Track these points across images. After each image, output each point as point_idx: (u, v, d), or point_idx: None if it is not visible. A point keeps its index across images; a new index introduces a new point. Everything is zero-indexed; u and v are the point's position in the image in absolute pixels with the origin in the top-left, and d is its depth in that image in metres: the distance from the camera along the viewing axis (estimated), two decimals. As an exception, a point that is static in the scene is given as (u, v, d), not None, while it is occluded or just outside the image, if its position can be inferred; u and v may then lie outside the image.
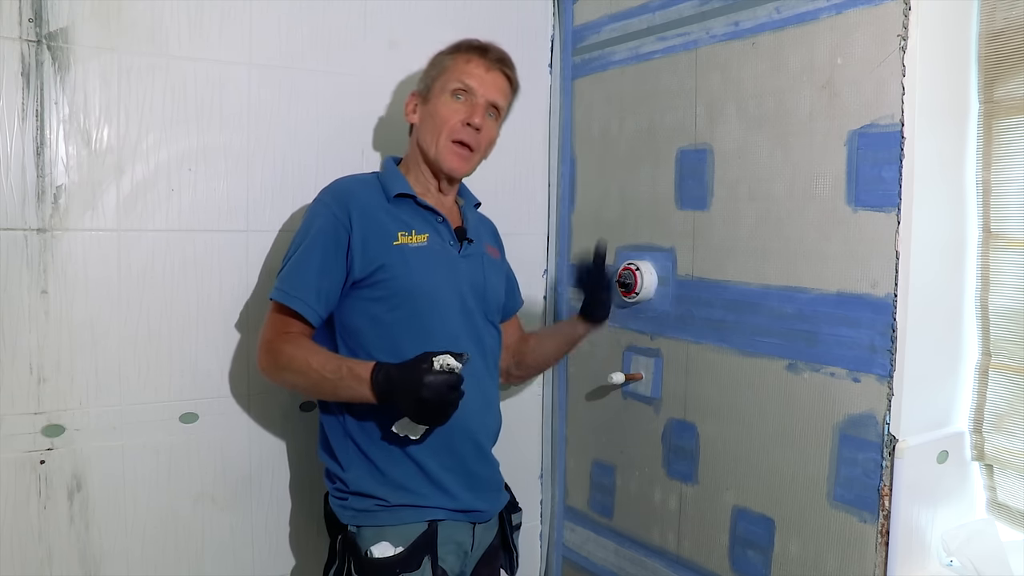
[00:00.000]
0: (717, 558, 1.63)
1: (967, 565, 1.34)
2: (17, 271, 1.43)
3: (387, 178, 1.47)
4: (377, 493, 1.38)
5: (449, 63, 1.47)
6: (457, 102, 1.45)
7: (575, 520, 2.04)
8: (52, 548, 1.47)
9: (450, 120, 1.44)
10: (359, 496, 1.39)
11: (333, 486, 1.43)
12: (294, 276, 1.37)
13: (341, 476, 1.42)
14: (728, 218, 1.61)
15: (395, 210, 1.43)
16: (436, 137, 1.45)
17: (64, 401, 1.48)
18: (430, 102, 1.47)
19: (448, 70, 1.46)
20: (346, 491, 1.40)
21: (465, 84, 1.45)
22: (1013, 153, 1.32)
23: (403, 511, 1.37)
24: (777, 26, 1.50)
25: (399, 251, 1.39)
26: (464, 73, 1.45)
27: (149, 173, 1.54)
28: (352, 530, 1.37)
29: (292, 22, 1.67)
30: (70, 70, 1.45)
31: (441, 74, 1.47)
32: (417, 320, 1.39)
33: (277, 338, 1.37)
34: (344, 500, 1.40)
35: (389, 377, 1.27)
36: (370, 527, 1.36)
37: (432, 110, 1.46)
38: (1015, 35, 1.30)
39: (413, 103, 1.51)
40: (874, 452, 1.35)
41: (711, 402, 1.65)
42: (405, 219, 1.43)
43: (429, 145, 1.46)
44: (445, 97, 1.45)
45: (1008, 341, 1.35)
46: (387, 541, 1.34)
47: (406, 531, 1.36)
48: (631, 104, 1.84)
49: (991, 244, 1.37)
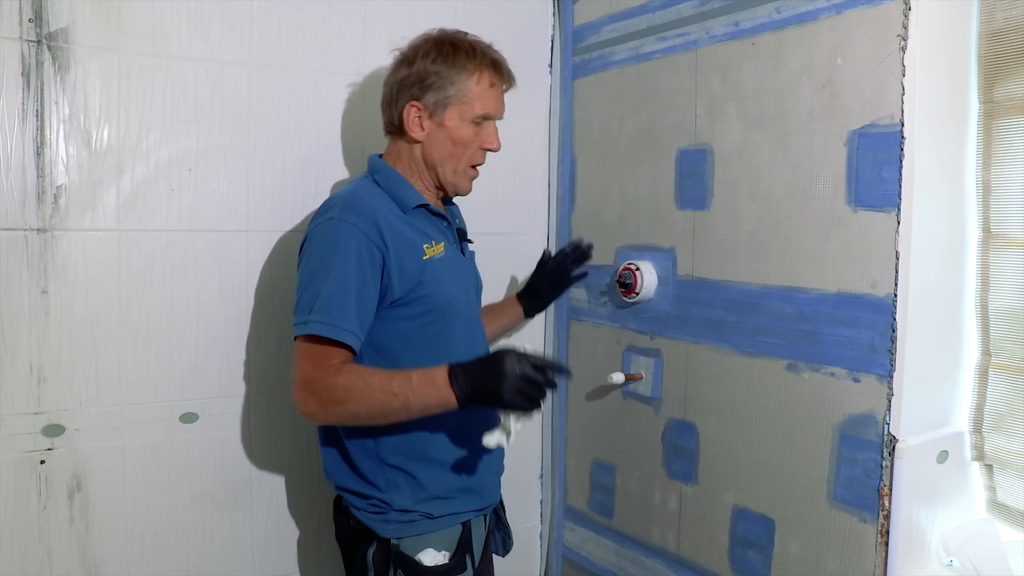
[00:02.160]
0: (717, 558, 1.63)
1: (967, 565, 1.34)
2: (17, 271, 1.43)
3: (396, 187, 1.39)
4: (420, 508, 1.36)
5: (468, 84, 1.37)
6: (476, 126, 1.39)
7: (575, 520, 2.04)
8: (52, 548, 1.47)
9: (471, 147, 1.39)
10: (402, 511, 1.36)
11: (367, 502, 1.38)
12: (334, 305, 1.25)
13: (379, 496, 1.36)
14: (728, 218, 1.61)
15: (413, 221, 1.37)
16: (455, 163, 1.40)
17: (64, 401, 1.48)
18: (445, 124, 1.38)
19: (468, 93, 1.37)
20: (387, 507, 1.36)
21: (491, 114, 1.39)
22: (1013, 153, 1.32)
23: (444, 519, 1.37)
24: (777, 26, 1.50)
25: (430, 266, 1.34)
26: (488, 102, 1.38)
27: (149, 173, 1.54)
28: (395, 542, 1.35)
29: (292, 22, 1.67)
30: (70, 70, 1.45)
31: (459, 96, 1.37)
32: (445, 333, 1.37)
33: (323, 374, 1.23)
34: (384, 514, 1.36)
35: (468, 371, 1.20)
36: (412, 537, 1.35)
37: (452, 135, 1.38)
38: (1015, 35, 1.30)
39: (418, 116, 1.38)
40: (874, 452, 1.35)
41: (711, 402, 1.65)
42: (424, 230, 1.38)
43: (445, 170, 1.40)
44: (467, 123, 1.38)
45: (1008, 341, 1.35)
46: (431, 548, 1.34)
47: (446, 536, 1.37)
48: (631, 104, 1.84)
49: (991, 244, 1.37)
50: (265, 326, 1.67)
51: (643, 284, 1.76)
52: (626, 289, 1.78)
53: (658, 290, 1.77)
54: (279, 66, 1.66)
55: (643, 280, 1.76)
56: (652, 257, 1.78)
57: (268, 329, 1.68)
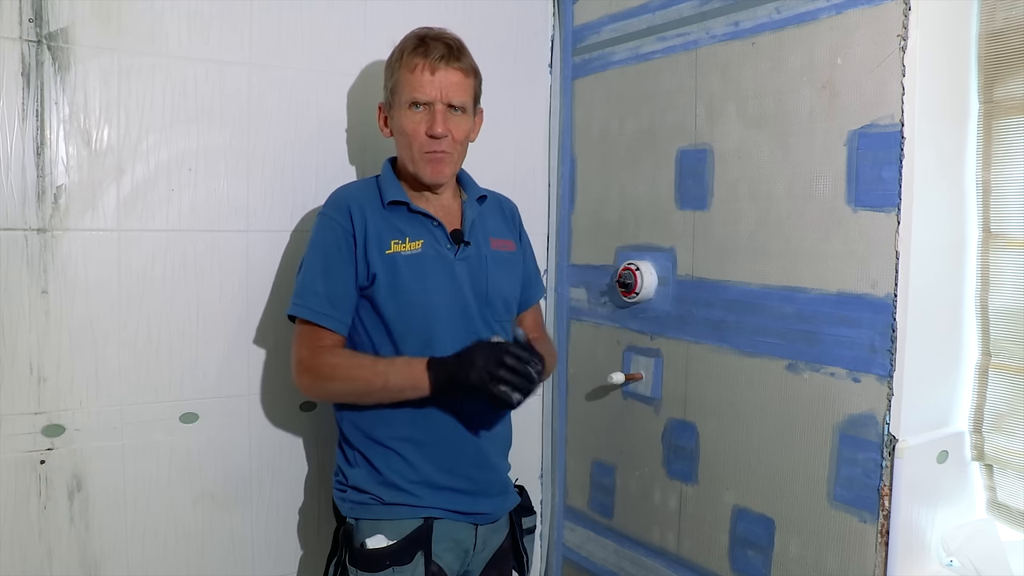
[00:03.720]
0: (717, 558, 1.63)
1: (967, 565, 1.34)
2: (17, 271, 1.43)
3: (384, 183, 1.46)
4: (373, 490, 1.41)
5: (398, 73, 1.41)
6: (417, 112, 1.40)
7: (575, 520, 2.04)
8: (52, 548, 1.47)
9: (416, 134, 1.41)
10: (357, 490, 1.42)
11: (336, 479, 1.48)
12: (309, 290, 1.40)
13: (344, 470, 1.46)
14: (728, 218, 1.61)
15: (391, 216, 1.43)
16: (409, 152, 1.43)
17: (64, 401, 1.48)
18: (394, 117, 1.44)
19: (400, 82, 1.41)
20: (345, 484, 1.44)
21: (417, 97, 1.39)
22: (1013, 153, 1.32)
23: (398, 508, 1.40)
24: (777, 26, 1.50)
25: (390, 260, 1.40)
26: (413, 86, 1.39)
27: (149, 173, 1.54)
28: (351, 522, 1.41)
29: (292, 22, 1.67)
30: (70, 70, 1.45)
31: (396, 86, 1.42)
32: (415, 327, 1.41)
33: (312, 354, 1.39)
34: (344, 493, 1.44)
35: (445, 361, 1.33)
36: (367, 520, 1.40)
37: (397, 125, 1.43)
38: (1015, 35, 1.30)
39: (382, 117, 1.49)
40: (874, 452, 1.35)
41: (711, 402, 1.65)
42: (400, 226, 1.43)
43: (407, 160, 1.44)
44: (405, 111, 1.41)
45: (1008, 341, 1.35)
46: (382, 534, 1.37)
47: (401, 526, 1.38)
48: (631, 104, 1.84)
49: (991, 244, 1.37)
50: (265, 326, 1.67)
51: (643, 284, 1.76)
52: (626, 289, 1.78)
53: (658, 290, 1.77)
54: (279, 66, 1.66)
55: (643, 280, 1.76)
56: (652, 257, 1.78)
57: (268, 329, 1.68)
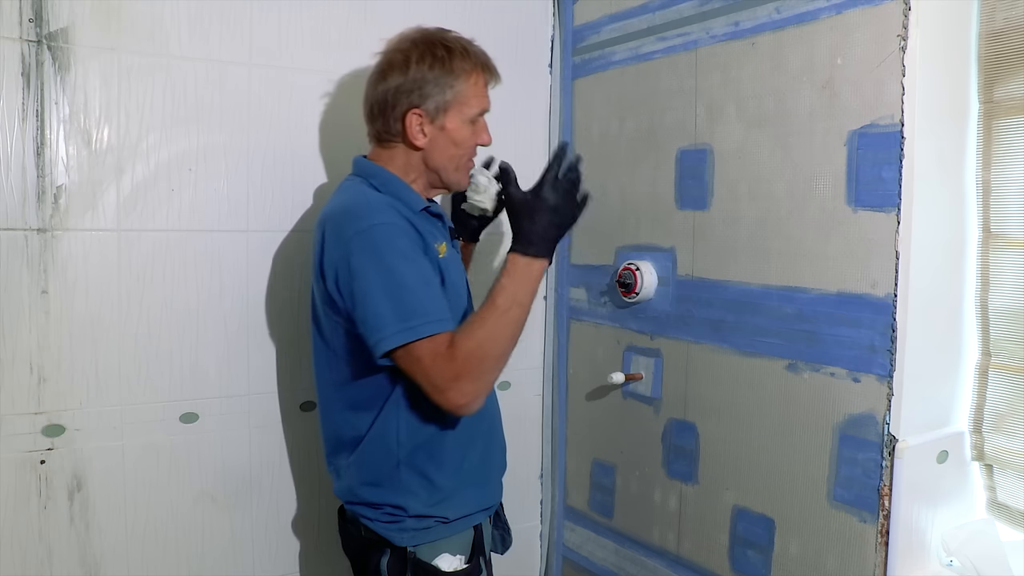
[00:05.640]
0: (717, 558, 1.63)
1: (967, 565, 1.34)
2: (17, 271, 1.43)
3: (398, 191, 1.40)
4: (435, 513, 1.36)
5: (462, 86, 1.38)
6: (475, 124, 1.42)
7: (575, 520, 2.04)
8: (52, 548, 1.47)
9: (470, 145, 1.42)
10: (417, 518, 1.36)
11: (379, 512, 1.37)
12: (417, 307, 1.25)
13: (392, 503, 1.36)
14: (728, 218, 1.61)
15: (422, 222, 1.39)
16: (456, 161, 1.41)
17: (64, 401, 1.48)
18: (446, 128, 1.39)
19: (463, 95, 1.38)
20: (402, 515, 1.35)
21: (485, 109, 1.42)
22: (1013, 153, 1.32)
23: (457, 522, 1.38)
24: (777, 26, 1.50)
25: (443, 263, 1.37)
26: (482, 100, 1.41)
27: (149, 173, 1.54)
28: (411, 550, 1.35)
29: (292, 22, 1.67)
30: (70, 70, 1.45)
31: (456, 99, 1.38)
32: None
33: (449, 361, 1.24)
34: (399, 522, 1.35)
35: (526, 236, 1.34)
36: (427, 544, 1.35)
37: (452, 137, 1.39)
38: (1015, 35, 1.30)
39: (420, 123, 1.38)
40: (874, 452, 1.35)
41: (711, 402, 1.65)
42: (431, 230, 1.40)
43: (448, 171, 1.42)
44: (467, 123, 1.40)
45: (1008, 341, 1.35)
46: (446, 553, 1.35)
47: (459, 540, 1.38)
48: (631, 104, 1.84)
49: (991, 244, 1.37)
50: (265, 326, 1.67)
51: (643, 284, 1.76)
52: (626, 289, 1.78)
53: (658, 290, 1.77)
54: (279, 66, 1.66)
55: (643, 280, 1.76)
56: (652, 257, 1.78)
57: (268, 329, 1.68)
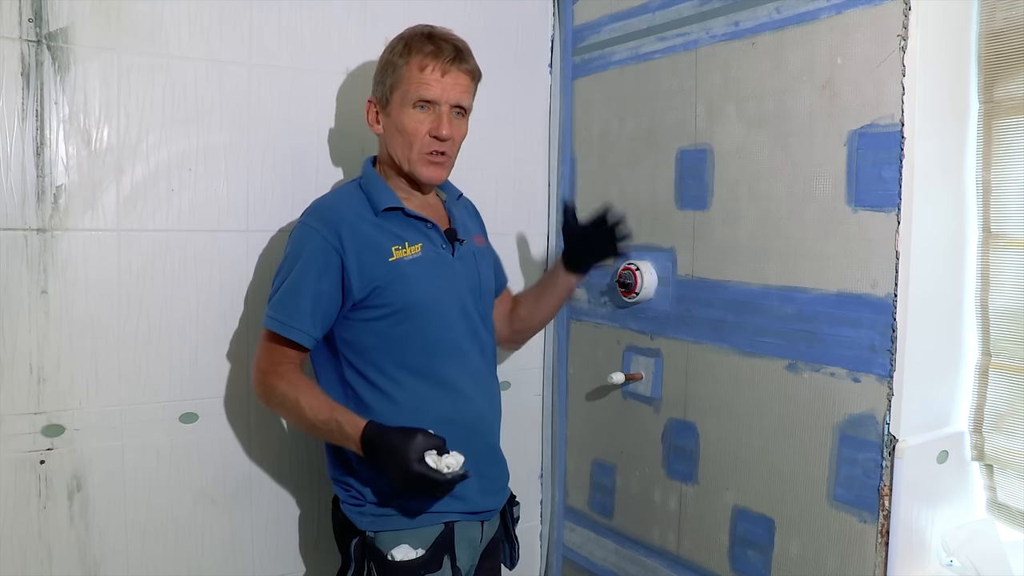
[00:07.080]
0: (717, 558, 1.63)
1: (967, 565, 1.33)
2: (17, 271, 1.43)
3: (372, 189, 1.42)
4: (393, 502, 1.37)
5: (404, 70, 1.38)
6: (421, 112, 1.38)
7: (575, 520, 2.04)
8: (52, 548, 1.47)
9: (417, 134, 1.38)
10: (377, 504, 1.38)
11: (347, 494, 1.42)
12: (287, 303, 1.35)
13: (357, 487, 1.40)
14: (728, 218, 1.61)
15: (385, 223, 1.40)
16: (407, 151, 1.40)
17: (64, 401, 1.48)
18: (392, 114, 1.40)
19: (404, 79, 1.37)
20: (362, 499, 1.40)
21: (426, 96, 1.37)
22: (1013, 153, 1.32)
23: (420, 516, 1.38)
24: (777, 26, 1.50)
25: (396, 267, 1.37)
26: (421, 85, 1.36)
27: (149, 173, 1.54)
28: (370, 535, 1.37)
29: (292, 22, 1.67)
30: (70, 70, 1.45)
31: (398, 83, 1.38)
32: (420, 332, 1.39)
33: (271, 371, 1.37)
34: (361, 507, 1.40)
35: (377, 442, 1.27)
36: (388, 531, 1.37)
37: (397, 124, 1.39)
38: (1015, 35, 1.30)
39: (373, 111, 1.44)
40: (874, 452, 1.35)
41: (711, 402, 1.65)
42: (396, 231, 1.40)
43: (402, 159, 1.41)
44: (408, 109, 1.37)
45: (1008, 341, 1.35)
46: (406, 544, 1.35)
47: (424, 533, 1.37)
48: (631, 104, 1.84)
49: (991, 244, 1.37)
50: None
51: (643, 284, 1.76)
52: (626, 289, 1.78)
53: (658, 290, 1.77)
54: (279, 66, 1.66)
55: (643, 280, 1.76)
56: (652, 257, 1.78)
57: (268, 329, 1.68)
